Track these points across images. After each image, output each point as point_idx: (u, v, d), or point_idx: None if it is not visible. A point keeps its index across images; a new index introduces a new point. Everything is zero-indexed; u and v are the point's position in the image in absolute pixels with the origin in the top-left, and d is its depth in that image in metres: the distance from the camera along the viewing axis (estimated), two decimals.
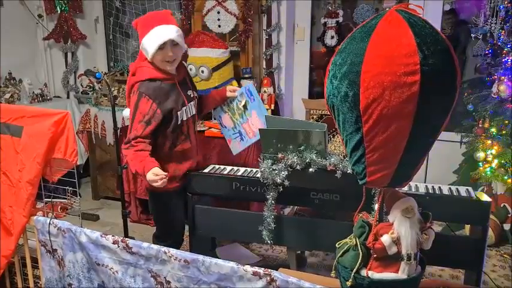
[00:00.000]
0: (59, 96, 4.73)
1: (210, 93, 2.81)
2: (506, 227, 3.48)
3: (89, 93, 4.45)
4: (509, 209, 3.43)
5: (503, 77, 3.21)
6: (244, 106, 2.61)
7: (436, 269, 3.11)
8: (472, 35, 3.62)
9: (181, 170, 2.50)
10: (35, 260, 2.21)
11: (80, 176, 4.02)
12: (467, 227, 3.26)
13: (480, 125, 3.29)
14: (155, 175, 2.18)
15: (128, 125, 3.21)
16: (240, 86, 3.55)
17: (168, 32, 2.30)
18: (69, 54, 4.71)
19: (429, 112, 1.44)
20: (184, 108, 2.44)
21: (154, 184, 2.18)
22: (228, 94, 2.64)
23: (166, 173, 2.21)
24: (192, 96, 2.53)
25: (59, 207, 3.59)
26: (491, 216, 3.32)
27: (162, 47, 2.29)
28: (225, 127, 2.74)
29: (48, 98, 4.50)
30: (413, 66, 1.38)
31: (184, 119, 2.44)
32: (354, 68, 1.45)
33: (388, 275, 1.62)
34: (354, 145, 1.57)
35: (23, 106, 3.19)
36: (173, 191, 2.49)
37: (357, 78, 1.44)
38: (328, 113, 2.68)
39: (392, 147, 1.50)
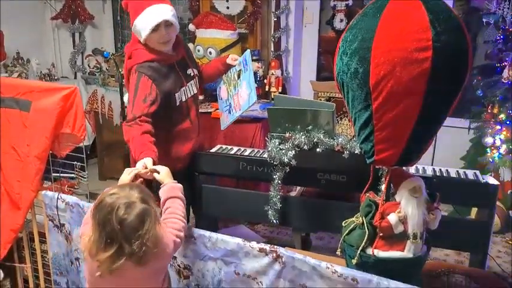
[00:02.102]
0: (66, 77, 4.73)
1: (213, 61, 2.73)
2: None
3: (96, 74, 4.45)
4: None
5: None
6: (239, 76, 2.49)
7: (440, 254, 3.11)
8: (484, 20, 3.57)
9: (183, 150, 2.43)
10: (42, 235, 2.23)
11: (86, 157, 4.03)
12: (474, 213, 3.25)
13: (489, 111, 3.26)
14: (144, 167, 1.93)
15: None
16: None
17: (162, 12, 2.17)
18: (77, 35, 4.70)
19: (440, 90, 1.43)
20: (183, 89, 2.36)
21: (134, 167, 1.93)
22: (228, 61, 2.53)
23: (155, 169, 1.92)
24: (192, 75, 2.45)
25: (66, 186, 3.62)
26: (498, 203, 3.31)
27: (155, 29, 2.18)
28: (221, 99, 2.66)
29: (55, 78, 4.49)
30: (425, 42, 1.36)
31: (184, 100, 2.37)
32: (365, 44, 1.44)
33: (393, 254, 1.62)
34: (362, 123, 1.56)
35: (31, 81, 3.20)
36: (177, 172, 2.45)
37: (367, 54, 1.42)
38: (337, 92, 2.66)
39: (401, 125, 1.50)
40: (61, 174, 2.21)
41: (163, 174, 1.77)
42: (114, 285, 1.47)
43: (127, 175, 1.74)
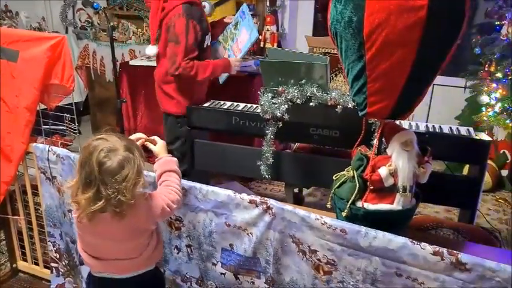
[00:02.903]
0: (57, 31, 4.61)
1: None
2: (504, 173, 3.50)
3: (87, 29, 4.34)
4: (508, 155, 3.44)
5: None
6: (236, 28, 2.68)
7: (430, 211, 3.15)
8: None
9: (203, 92, 2.72)
10: (35, 188, 2.23)
11: (80, 113, 3.98)
12: (466, 171, 3.28)
13: (486, 69, 3.23)
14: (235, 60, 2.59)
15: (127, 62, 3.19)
16: None
17: None
18: None
19: (435, 40, 1.39)
20: (209, 33, 2.61)
21: (237, 64, 2.62)
22: (226, 20, 2.79)
23: (153, 139, 1.80)
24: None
25: (60, 142, 3.59)
26: (490, 162, 3.33)
27: None
28: (218, 58, 2.79)
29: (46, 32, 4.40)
30: None
31: (208, 43, 2.62)
32: None
33: (383, 206, 1.63)
34: (355, 74, 1.53)
35: (18, 30, 3.09)
36: None
37: (362, 2, 1.38)
38: (333, 48, 2.60)
39: (395, 76, 1.47)
40: (51, 127, 2.18)
41: (160, 146, 1.72)
42: (92, 233, 1.49)
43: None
